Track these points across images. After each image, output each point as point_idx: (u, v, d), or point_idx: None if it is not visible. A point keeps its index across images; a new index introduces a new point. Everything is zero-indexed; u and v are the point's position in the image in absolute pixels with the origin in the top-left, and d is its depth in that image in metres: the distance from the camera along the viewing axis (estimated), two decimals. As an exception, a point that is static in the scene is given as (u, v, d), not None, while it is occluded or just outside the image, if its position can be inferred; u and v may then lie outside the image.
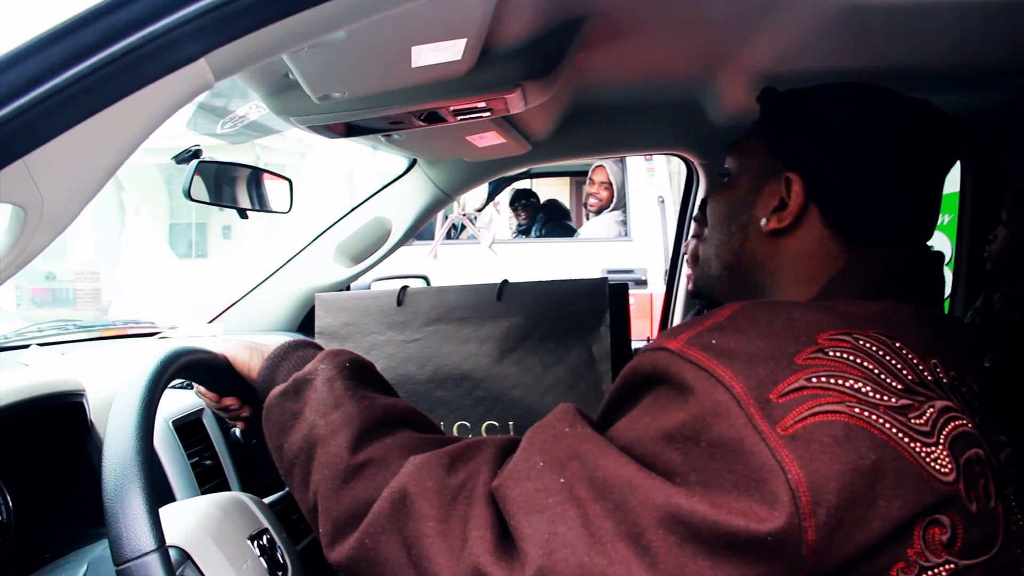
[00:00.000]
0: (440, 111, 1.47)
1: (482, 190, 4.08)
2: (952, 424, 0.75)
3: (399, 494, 0.80)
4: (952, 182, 2.35)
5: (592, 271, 3.93)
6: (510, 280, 1.76)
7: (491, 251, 3.92)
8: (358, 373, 0.96)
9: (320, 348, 1.04)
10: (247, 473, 1.47)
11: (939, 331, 0.84)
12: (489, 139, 1.87)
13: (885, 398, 0.72)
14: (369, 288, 2.59)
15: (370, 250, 2.31)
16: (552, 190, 6.57)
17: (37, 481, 1.22)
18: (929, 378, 0.77)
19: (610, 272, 4.03)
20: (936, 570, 0.70)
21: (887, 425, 0.71)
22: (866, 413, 0.71)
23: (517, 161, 2.26)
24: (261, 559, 0.97)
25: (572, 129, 2.11)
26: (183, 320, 2.25)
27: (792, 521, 0.66)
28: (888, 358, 0.76)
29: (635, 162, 4.47)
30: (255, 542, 0.98)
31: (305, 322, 2.33)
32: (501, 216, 6.60)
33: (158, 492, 0.82)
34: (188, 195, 1.50)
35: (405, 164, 2.28)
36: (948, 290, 2.59)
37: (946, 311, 2.60)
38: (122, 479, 0.79)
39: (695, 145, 2.32)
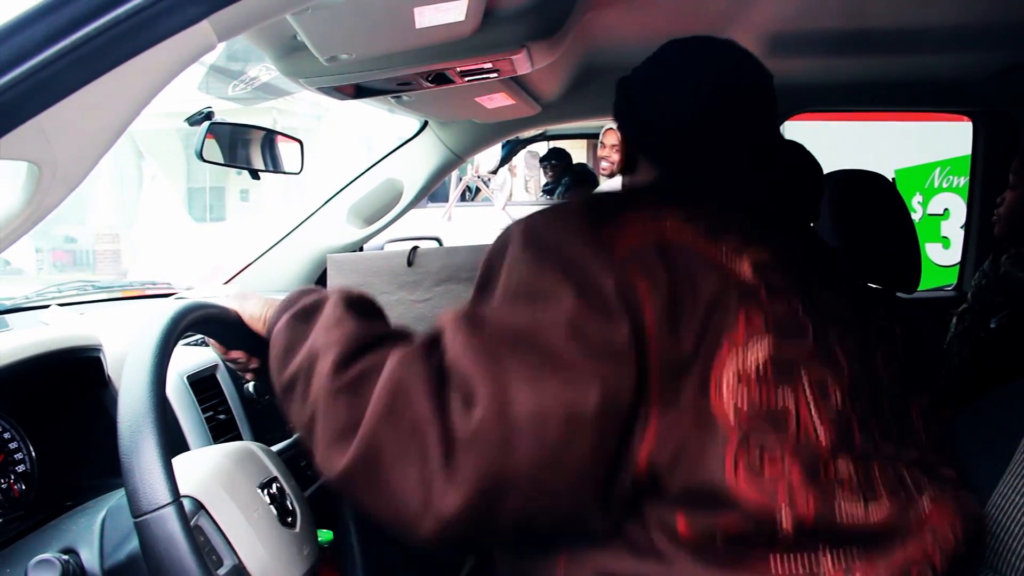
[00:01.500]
0: (447, 72, 1.49)
1: (495, 152, 4.07)
2: (755, 252, 0.92)
3: (392, 388, 0.85)
4: (965, 144, 2.33)
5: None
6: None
7: (504, 213, 3.93)
8: (361, 301, 1.03)
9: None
10: (260, 427, 1.51)
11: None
12: (498, 100, 1.88)
13: (693, 226, 0.90)
14: (382, 249, 2.62)
15: (382, 211, 2.33)
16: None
17: (59, 433, 1.26)
18: (735, 221, 0.95)
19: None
20: (758, 344, 0.87)
21: (696, 240, 0.89)
22: (678, 232, 0.89)
23: (528, 123, 2.27)
24: (271, 507, 1.01)
25: (582, 91, 2.12)
26: (199, 281, 2.29)
27: (630, 292, 0.85)
28: (695, 208, 0.94)
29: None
30: (265, 490, 1.02)
31: (318, 283, 2.36)
32: (517, 178, 6.58)
33: (172, 445, 0.86)
34: (200, 156, 1.52)
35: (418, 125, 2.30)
36: (959, 254, 2.59)
37: (956, 274, 2.61)
38: (137, 434, 0.83)
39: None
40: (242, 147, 1.65)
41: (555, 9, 1.37)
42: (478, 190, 4.83)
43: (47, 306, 1.71)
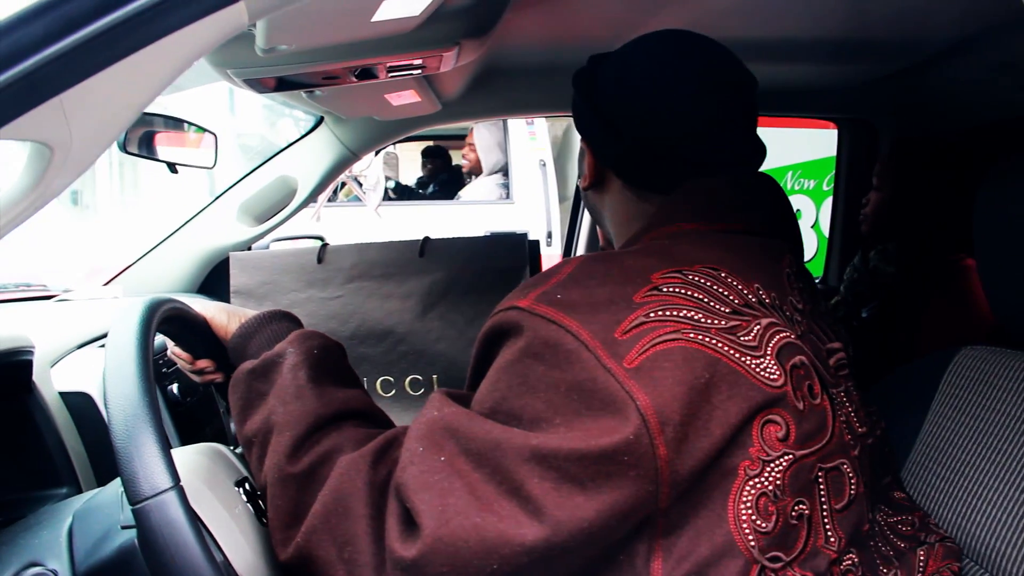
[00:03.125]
0: (375, 67, 1.48)
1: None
2: (777, 337, 0.85)
3: (333, 495, 0.85)
4: (828, 147, 2.54)
5: (475, 233, 3.98)
6: (431, 237, 1.80)
7: (376, 214, 3.90)
8: (324, 361, 0.99)
9: (295, 321, 1.07)
10: (185, 430, 1.45)
11: (758, 257, 0.94)
12: (405, 97, 1.88)
13: (715, 321, 0.83)
14: (268, 248, 2.55)
15: (274, 209, 2.27)
16: (410, 155, 6.51)
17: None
18: (753, 300, 0.87)
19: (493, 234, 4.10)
20: (777, 461, 0.81)
21: (719, 344, 0.81)
22: (699, 337, 0.80)
23: (423, 121, 2.27)
24: (248, 505, 0.98)
25: (481, 90, 2.15)
26: (77, 283, 2.16)
27: (640, 432, 0.75)
28: (715, 287, 0.86)
29: (516, 126, 4.53)
30: (240, 488, 0.99)
31: (206, 283, 2.28)
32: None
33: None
34: (124, 148, 1.44)
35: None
36: (810, 251, 2.79)
37: (821, 268, 2.82)
38: (132, 419, 0.79)
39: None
40: (159, 139, 1.58)
41: (491, 8, 1.39)
42: (343, 185, 4.76)
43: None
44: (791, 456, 0.82)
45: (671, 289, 0.83)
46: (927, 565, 0.97)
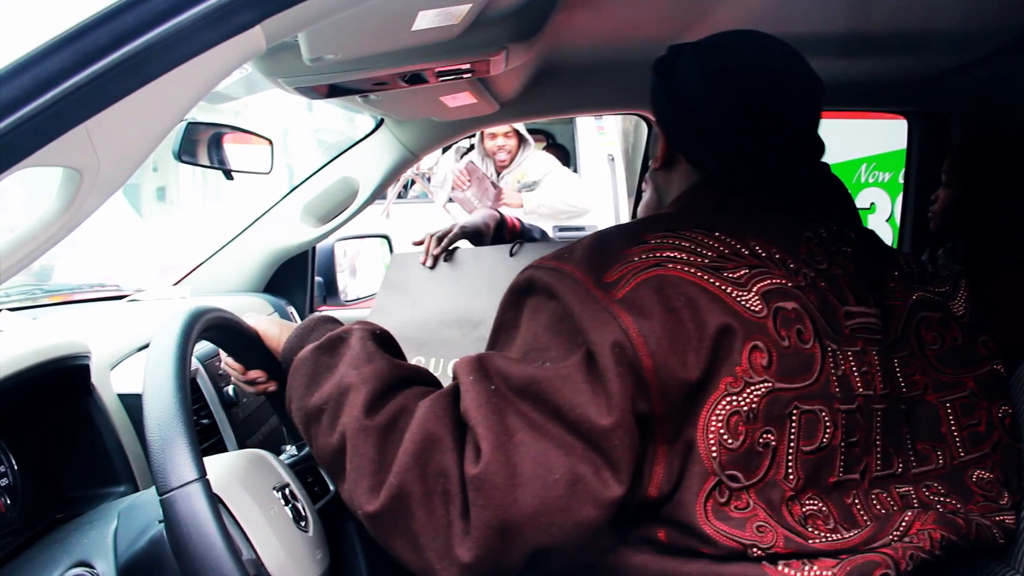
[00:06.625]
0: (424, 73, 1.49)
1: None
2: (766, 280, 0.93)
3: (422, 432, 0.89)
4: (903, 139, 2.45)
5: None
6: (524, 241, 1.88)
7: (445, 210, 3.93)
8: (387, 340, 1.07)
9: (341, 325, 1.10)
10: (241, 431, 1.49)
11: (768, 223, 1.01)
12: (461, 99, 1.89)
13: (697, 260, 0.92)
14: (332, 247, 2.61)
15: (337, 209, 2.32)
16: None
17: (41, 444, 1.23)
18: (745, 252, 0.95)
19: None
20: (757, 386, 0.88)
21: (699, 274, 0.91)
22: (680, 267, 0.91)
23: (482, 121, 2.29)
24: (286, 508, 1.01)
25: (539, 89, 2.14)
26: (148, 282, 2.24)
27: (624, 341, 0.86)
28: (704, 239, 0.95)
29: (585, 120, 4.50)
30: (279, 493, 1.02)
31: (272, 282, 2.33)
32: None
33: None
34: (178, 156, 1.49)
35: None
36: (892, 241, 2.69)
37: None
38: (164, 415, 0.83)
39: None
40: (215, 147, 1.63)
41: (537, 11, 1.39)
42: (412, 183, 4.79)
43: (-6, 311, 1.65)
44: (769, 385, 0.88)
45: (659, 242, 0.94)
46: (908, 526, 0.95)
